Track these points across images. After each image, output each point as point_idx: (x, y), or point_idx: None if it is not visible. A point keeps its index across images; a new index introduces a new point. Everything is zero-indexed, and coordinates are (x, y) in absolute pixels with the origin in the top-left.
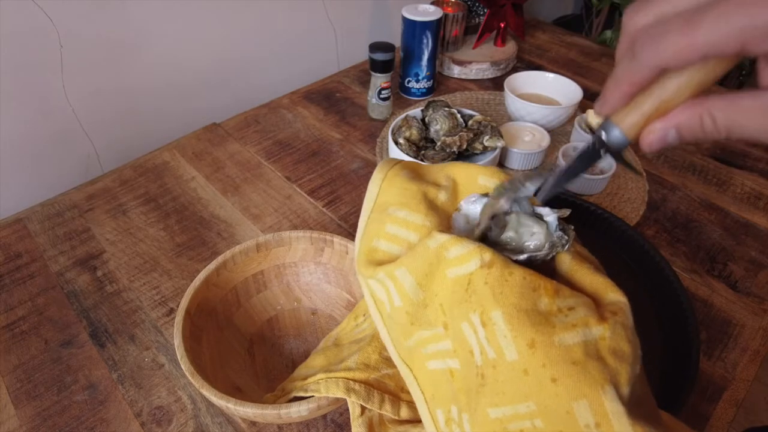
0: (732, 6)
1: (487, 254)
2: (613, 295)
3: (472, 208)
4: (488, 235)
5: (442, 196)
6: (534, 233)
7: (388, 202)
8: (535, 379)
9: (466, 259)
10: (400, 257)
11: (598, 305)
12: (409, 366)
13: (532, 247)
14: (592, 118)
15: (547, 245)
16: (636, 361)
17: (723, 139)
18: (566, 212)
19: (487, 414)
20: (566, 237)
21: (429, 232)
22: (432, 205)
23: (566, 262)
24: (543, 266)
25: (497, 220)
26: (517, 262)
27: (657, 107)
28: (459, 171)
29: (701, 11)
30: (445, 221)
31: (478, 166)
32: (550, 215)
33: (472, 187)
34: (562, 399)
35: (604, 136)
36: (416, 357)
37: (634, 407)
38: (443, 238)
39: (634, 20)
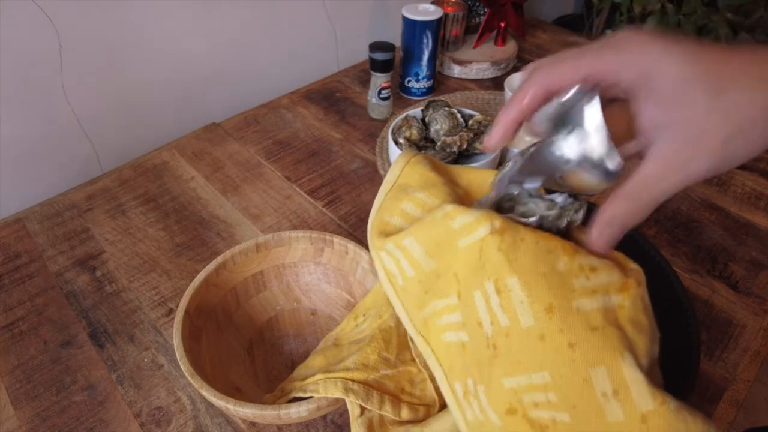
0: (609, 48)
1: (497, 221)
2: (633, 265)
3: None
4: (500, 207)
5: (459, 191)
6: (543, 205)
7: (408, 184)
8: (552, 345)
9: (474, 227)
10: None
11: (621, 268)
12: (426, 338)
13: (543, 207)
14: (518, 81)
15: (557, 207)
16: (654, 339)
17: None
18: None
19: (502, 384)
20: (578, 202)
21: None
22: (450, 195)
23: (581, 237)
24: (557, 234)
25: (507, 197)
26: (527, 224)
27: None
28: (476, 176)
29: (585, 49)
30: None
31: (494, 173)
32: (560, 197)
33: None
34: (579, 365)
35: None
36: (432, 329)
37: (650, 373)
38: (450, 207)
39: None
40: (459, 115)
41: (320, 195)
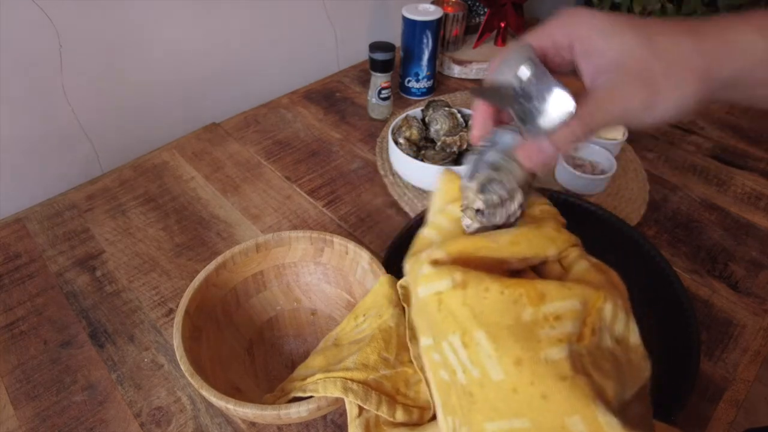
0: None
1: (458, 274)
2: (569, 235)
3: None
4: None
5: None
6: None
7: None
8: (525, 397)
9: (434, 278)
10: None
11: (585, 302)
12: (424, 370)
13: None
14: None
15: (515, 203)
16: (621, 373)
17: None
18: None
19: (484, 428)
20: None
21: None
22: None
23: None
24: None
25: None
26: (495, 226)
27: None
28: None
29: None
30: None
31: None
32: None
33: None
34: (555, 415)
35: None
36: (428, 361)
37: (624, 413)
38: (423, 255)
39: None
40: (459, 115)
41: (320, 195)
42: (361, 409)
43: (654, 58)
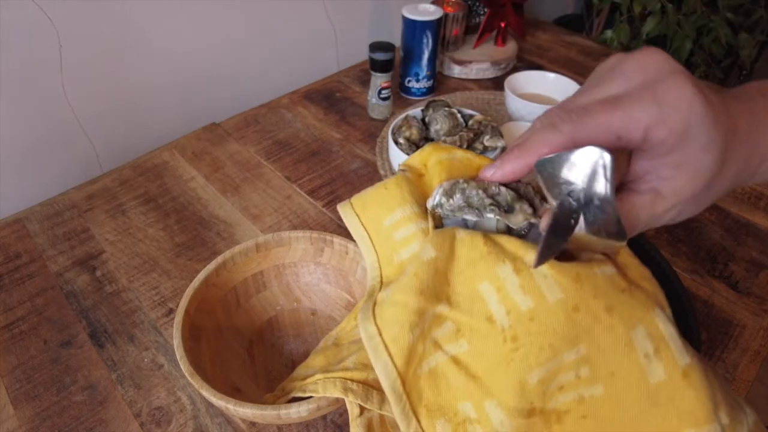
0: (648, 94)
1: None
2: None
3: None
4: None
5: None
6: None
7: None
8: (588, 314)
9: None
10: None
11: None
12: (406, 391)
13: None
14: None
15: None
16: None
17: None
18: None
19: (525, 383)
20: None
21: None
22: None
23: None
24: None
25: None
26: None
27: None
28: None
29: (617, 97)
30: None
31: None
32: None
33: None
34: (619, 330)
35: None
36: (411, 370)
37: None
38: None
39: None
40: (459, 115)
41: (320, 195)
42: (362, 408)
43: (724, 181)
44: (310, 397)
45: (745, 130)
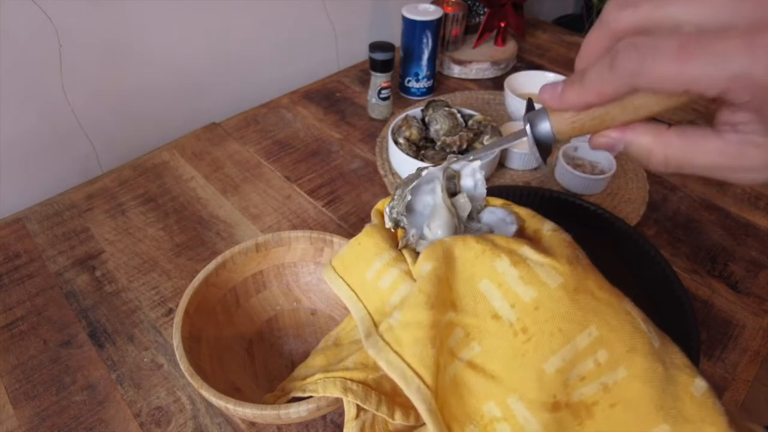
0: (740, 45)
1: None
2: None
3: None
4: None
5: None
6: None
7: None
8: (588, 294)
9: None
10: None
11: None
12: (439, 408)
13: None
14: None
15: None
16: None
17: (667, 172)
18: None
19: (543, 373)
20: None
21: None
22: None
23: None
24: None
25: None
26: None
27: (601, 121)
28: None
29: (701, 40)
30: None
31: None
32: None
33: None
34: (616, 304)
35: (529, 128)
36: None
37: None
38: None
39: (617, 17)
40: (459, 115)
41: (320, 195)
42: (358, 411)
43: None
44: (310, 397)
45: None
